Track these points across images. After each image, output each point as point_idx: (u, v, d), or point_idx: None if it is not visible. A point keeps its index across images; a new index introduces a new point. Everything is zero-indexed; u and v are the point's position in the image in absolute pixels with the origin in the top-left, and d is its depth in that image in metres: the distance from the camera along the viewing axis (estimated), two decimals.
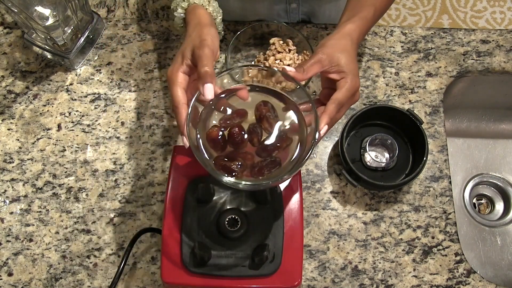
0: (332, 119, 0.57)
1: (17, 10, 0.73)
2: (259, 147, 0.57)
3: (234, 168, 0.54)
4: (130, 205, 0.77)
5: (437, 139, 0.82)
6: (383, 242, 0.76)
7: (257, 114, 0.57)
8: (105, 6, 0.91)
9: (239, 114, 0.58)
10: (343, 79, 0.59)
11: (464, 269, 0.74)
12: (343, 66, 0.59)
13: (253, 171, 0.55)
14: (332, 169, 0.80)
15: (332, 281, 0.73)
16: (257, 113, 0.57)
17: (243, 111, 0.58)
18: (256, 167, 0.55)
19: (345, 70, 0.59)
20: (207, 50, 0.56)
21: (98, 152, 0.80)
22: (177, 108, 0.56)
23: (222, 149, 0.56)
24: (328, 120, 0.57)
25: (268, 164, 0.55)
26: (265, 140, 0.57)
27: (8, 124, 0.82)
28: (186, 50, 0.59)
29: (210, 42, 0.58)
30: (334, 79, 0.60)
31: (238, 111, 0.58)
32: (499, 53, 0.88)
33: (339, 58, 0.59)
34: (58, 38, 0.78)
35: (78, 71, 0.85)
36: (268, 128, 0.57)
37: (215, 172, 0.53)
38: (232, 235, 0.60)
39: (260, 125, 0.57)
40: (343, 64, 0.59)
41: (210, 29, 0.60)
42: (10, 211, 0.77)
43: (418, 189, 0.79)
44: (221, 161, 0.55)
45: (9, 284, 0.73)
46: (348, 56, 0.59)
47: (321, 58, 0.58)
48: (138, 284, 0.73)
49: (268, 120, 0.57)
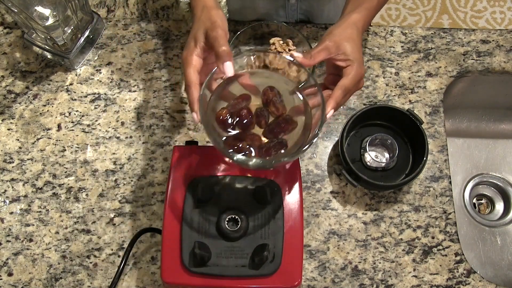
0: (338, 104, 0.60)
1: (17, 10, 0.73)
2: (266, 130, 0.60)
3: (244, 147, 0.57)
4: (130, 205, 0.77)
5: (437, 139, 0.82)
6: (383, 242, 0.76)
7: (264, 98, 0.60)
8: (105, 6, 0.91)
9: (244, 98, 0.61)
10: (349, 66, 0.61)
11: (464, 269, 0.74)
12: (349, 54, 0.61)
13: (260, 151, 0.58)
14: (332, 169, 0.80)
15: (332, 281, 0.73)
16: (264, 97, 0.60)
17: (247, 95, 0.61)
18: (264, 147, 0.58)
19: (351, 58, 0.61)
20: (220, 31, 0.59)
21: (98, 152, 0.80)
22: (189, 87, 0.59)
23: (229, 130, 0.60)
24: (335, 105, 0.59)
25: (275, 146, 0.58)
26: (271, 123, 0.60)
27: (8, 124, 0.82)
28: (198, 33, 0.60)
29: (221, 23, 0.60)
30: (340, 66, 0.62)
31: (242, 96, 0.61)
32: (499, 53, 0.88)
33: (346, 46, 0.61)
34: (58, 38, 0.78)
35: (78, 71, 0.85)
36: (275, 112, 0.60)
37: (226, 150, 0.55)
38: (232, 235, 0.60)
39: (267, 109, 0.60)
40: (349, 52, 0.61)
41: (218, 11, 0.62)
42: (10, 211, 0.77)
43: (418, 189, 0.79)
44: (231, 141, 0.58)
45: (9, 284, 0.73)
46: (354, 45, 0.62)
47: (328, 45, 0.61)
48: (138, 284, 0.73)
49: (274, 104, 0.60)
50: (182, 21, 0.89)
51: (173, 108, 0.83)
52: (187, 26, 0.88)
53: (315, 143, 0.80)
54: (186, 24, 0.88)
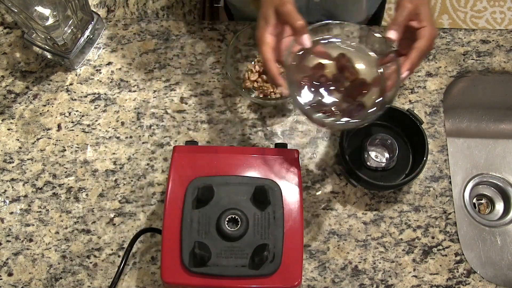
0: (413, 65, 0.61)
1: (17, 10, 0.73)
2: (344, 93, 0.64)
3: (331, 110, 0.62)
4: (130, 205, 0.77)
5: (437, 139, 0.82)
6: (383, 242, 0.76)
7: (338, 65, 0.64)
8: (105, 6, 0.91)
9: (319, 67, 0.65)
10: (424, 28, 0.62)
11: (464, 269, 0.74)
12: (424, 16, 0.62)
13: (343, 113, 0.63)
14: (332, 169, 0.80)
15: (332, 281, 0.73)
16: (338, 64, 0.64)
17: (322, 64, 0.65)
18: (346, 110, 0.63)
19: (425, 19, 0.62)
20: (290, 5, 0.61)
21: (98, 152, 0.80)
22: (268, 64, 0.61)
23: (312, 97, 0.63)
24: (410, 66, 0.61)
25: (356, 108, 0.63)
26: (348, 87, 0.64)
27: (8, 124, 0.82)
28: (268, 12, 0.62)
29: None
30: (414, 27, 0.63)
31: (318, 65, 0.65)
32: (499, 53, 0.88)
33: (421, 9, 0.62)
34: (58, 38, 0.78)
35: (78, 71, 0.85)
36: (350, 76, 0.64)
37: (317, 116, 0.60)
38: (232, 235, 0.60)
39: (342, 75, 0.64)
40: (424, 14, 0.62)
41: None
42: (10, 211, 0.77)
43: (418, 189, 0.79)
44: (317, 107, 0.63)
45: (9, 284, 0.73)
46: (427, 8, 0.63)
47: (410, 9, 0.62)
48: (138, 284, 0.73)
49: (348, 69, 0.64)
50: (182, 21, 0.89)
51: (173, 108, 0.83)
52: (187, 26, 0.88)
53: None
54: (186, 24, 0.88)
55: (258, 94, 0.82)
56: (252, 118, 0.82)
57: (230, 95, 0.84)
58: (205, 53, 0.86)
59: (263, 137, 0.81)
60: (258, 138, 0.81)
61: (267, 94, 0.81)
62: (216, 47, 0.87)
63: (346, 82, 0.64)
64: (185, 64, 0.86)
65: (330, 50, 0.65)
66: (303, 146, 0.81)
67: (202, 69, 0.85)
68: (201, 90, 0.84)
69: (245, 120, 0.82)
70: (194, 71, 0.85)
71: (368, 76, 0.64)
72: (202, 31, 0.88)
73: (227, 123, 0.82)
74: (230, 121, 0.82)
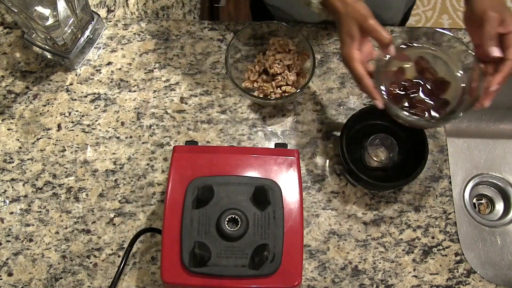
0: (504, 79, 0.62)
1: (17, 10, 0.73)
2: (428, 92, 0.68)
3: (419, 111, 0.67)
4: (130, 205, 0.77)
5: (437, 139, 0.82)
6: (383, 242, 0.76)
7: (418, 67, 0.69)
8: (105, 6, 0.91)
9: (401, 72, 0.69)
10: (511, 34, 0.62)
11: (464, 269, 0.74)
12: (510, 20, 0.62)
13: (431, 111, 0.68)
14: (332, 169, 0.80)
15: (332, 281, 0.73)
16: (418, 67, 0.69)
17: (402, 69, 0.70)
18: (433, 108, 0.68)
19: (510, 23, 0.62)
20: (373, 21, 0.62)
21: (98, 152, 0.80)
22: (362, 80, 0.63)
23: (401, 102, 0.68)
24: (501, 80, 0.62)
25: (441, 105, 0.68)
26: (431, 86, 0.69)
27: (8, 124, 0.82)
28: (352, 29, 0.63)
29: (369, 13, 0.63)
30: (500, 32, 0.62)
31: (399, 70, 0.69)
32: None
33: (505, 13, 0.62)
34: (58, 38, 0.78)
35: (78, 71, 0.85)
36: (430, 77, 0.69)
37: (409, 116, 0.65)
38: (232, 235, 0.60)
39: (423, 76, 0.69)
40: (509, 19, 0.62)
41: (360, 2, 0.64)
42: (10, 211, 0.77)
43: (418, 189, 0.79)
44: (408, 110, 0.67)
45: (9, 284, 0.73)
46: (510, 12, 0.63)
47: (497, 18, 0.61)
48: (138, 284, 0.73)
49: (428, 70, 0.69)
50: (182, 21, 0.89)
51: (173, 108, 0.83)
52: (187, 26, 0.88)
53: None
54: (186, 24, 0.88)
55: (258, 94, 0.82)
56: (252, 118, 0.82)
57: (230, 95, 0.84)
58: (205, 53, 0.86)
59: (263, 137, 0.81)
60: (258, 138, 0.81)
61: (267, 94, 0.81)
62: (216, 47, 0.87)
63: (428, 82, 0.68)
64: (185, 64, 0.86)
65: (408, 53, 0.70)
66: (303, 146, 0.81)
67: (202, 69, 0.85)
68: (201, 90, 0.84)
69: (245, 120, 0.82)
70: (194, 71, 0.85)
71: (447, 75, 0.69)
72: (202, 31, 0.88)
73: (227, 123, 0.82)
74: (230, 121, 0.82)
